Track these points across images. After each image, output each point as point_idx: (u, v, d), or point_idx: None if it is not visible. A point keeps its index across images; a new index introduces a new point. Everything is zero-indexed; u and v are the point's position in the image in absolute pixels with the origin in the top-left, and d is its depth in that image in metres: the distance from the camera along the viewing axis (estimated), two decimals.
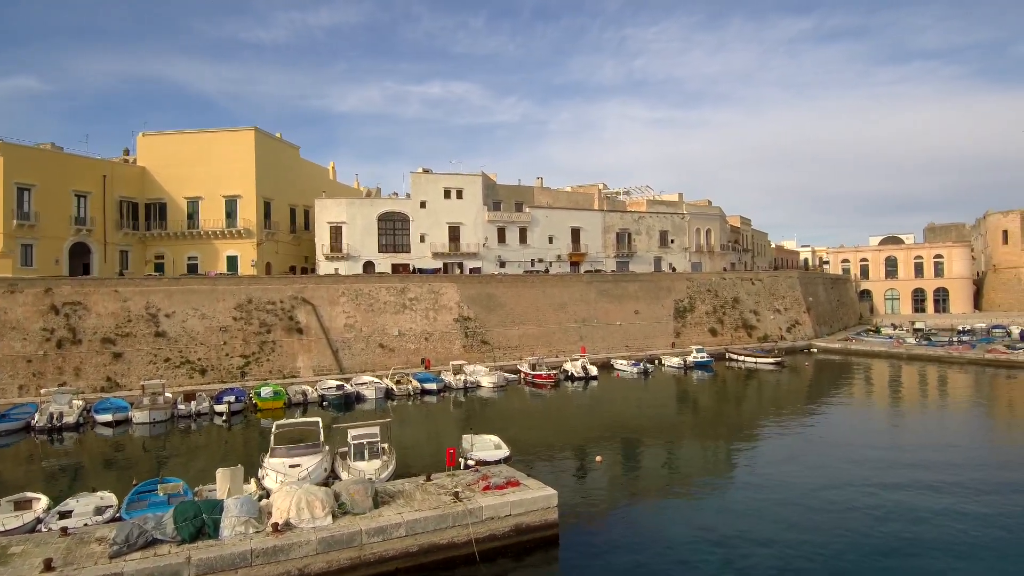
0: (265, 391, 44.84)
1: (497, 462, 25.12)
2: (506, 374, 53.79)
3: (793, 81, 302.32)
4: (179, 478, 24.70)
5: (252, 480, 24.44)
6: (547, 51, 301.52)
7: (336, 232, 67.12)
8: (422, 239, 68.47)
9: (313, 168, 78.17)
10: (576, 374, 54.12)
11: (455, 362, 52.95)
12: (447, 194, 69.33)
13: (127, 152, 74.45)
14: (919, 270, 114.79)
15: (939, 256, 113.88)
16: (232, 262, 64.66)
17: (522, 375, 54.34)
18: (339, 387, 46.42)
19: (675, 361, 60.99)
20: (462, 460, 26.16)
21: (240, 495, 21.18)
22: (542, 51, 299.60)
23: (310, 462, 24.61)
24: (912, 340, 75.43)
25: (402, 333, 57.27)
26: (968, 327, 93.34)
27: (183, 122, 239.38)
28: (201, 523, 17.89)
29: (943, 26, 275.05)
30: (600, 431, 36.88)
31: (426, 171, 70.54)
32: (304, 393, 45.85)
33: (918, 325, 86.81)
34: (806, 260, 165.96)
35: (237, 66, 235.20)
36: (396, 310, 57.96)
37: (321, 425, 27.74)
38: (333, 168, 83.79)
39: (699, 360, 60.77)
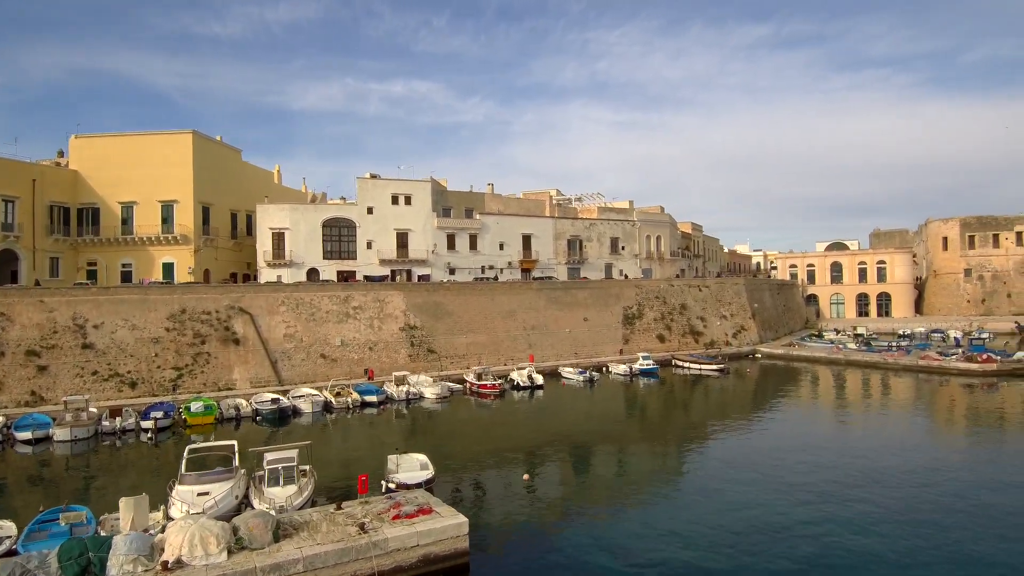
0: (195, 406, 43.28)
1: (418, 485, 24.49)
2: (451, 384, 53.23)
3: (752, 87, 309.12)
4: (85, 505, 23.54)
5: (161, 508, 23.41)
6: (511, 52, 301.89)
7: (279, 238, 65.50)
8: (369, 246, 67.32)
9: (257, 172, 76.19)
10: (522, 383, 53.85)
11: (398, 373, 52.10)
12: (395, 200, 68.33)
13: (61, 154, 71.41)
14: (863, 275, 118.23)
15: (882, 262, 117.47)
16: (168, 269, 62.49)
17: (467, 385, 53.80)
18: (274, 401, 45.11)
19: (622, 368, 61.23)
20: (383, 483, 25.48)
21: (142, 527, 20.26)
22: (505, 52, 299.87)
23: (220, 489, 23.61)
24: (853, 345, 77.31)
25: (345, 343, 56.12)
26: (908, 331, 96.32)
27: (134, 117, 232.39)
28: (87, 562, 16.95)
29: (895, 35, 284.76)
30: (538, 443, 36.63)
31: (374, 176, 69.42)
32: (237, 408, 44.42)
33: (859, 330, 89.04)
34: (758, 264, 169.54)
35: (191, 61, 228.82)
36: (339, 319, 56.77)
37: (237, 448, 26.71)
38: (279, 172, 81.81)
39: (645, 367, 61.16)
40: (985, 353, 56.49)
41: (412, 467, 27.05)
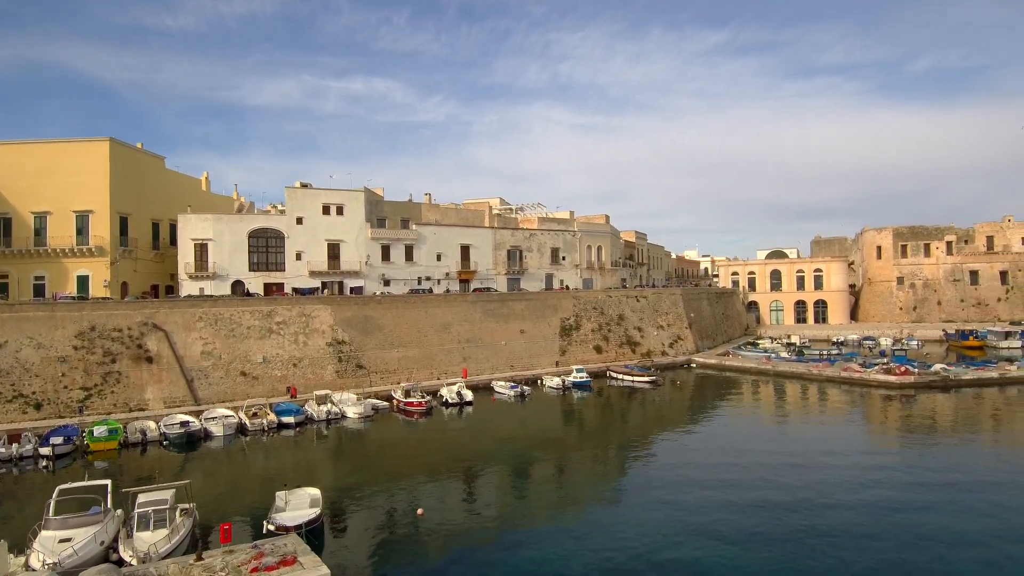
0: (99, 430, 41.24)
1: (299, 527, 23.46)
2: (377, 402, 52.11)
3: (709, 92, 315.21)
4: None
5: (26, 553, 22.02)
6: (472, 51, 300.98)
7: (201, 250, 63.23)
8: (298, 257, 65.56)
9: (183, 180, 73.49)
10: (451, 400, 53.00)
11: (319, 392, 50.74)
12: (326, 210, 66.71)
13: None
14: (801, 283, 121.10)
15: (819, 270, 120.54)
16: (83, 282, 59.64)
17: (395, 402, 52.75)
18: (184, 424, 43.24)
19: (555, 382, 60.99)
20: (265, 524, 24.40)
21: (4, 573, 18.93)
22: (467, 51, 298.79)
23: (84, 535, 22.23)
24: (785, 354, 78.91)
25: (268, 360, 54.42)
26: (842, 338, 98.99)
27: (77, 111, 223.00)
28: None
29: (845, 43, 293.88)
30: (453, 467, 36.02)
31: (304, 186, 67.71)
32: (143, 431, 42.48)
33: (793, 339, 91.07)
34: (706, 269, 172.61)
35: (141, 54, 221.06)
36: (261, 335, 55.03)
37: (110, 488, 25.27)
38: (207, 179, 79.14)
39: (578, 380, 61.10)
40: (904, 365, 58.08)
41: (301, 504, 26.03)
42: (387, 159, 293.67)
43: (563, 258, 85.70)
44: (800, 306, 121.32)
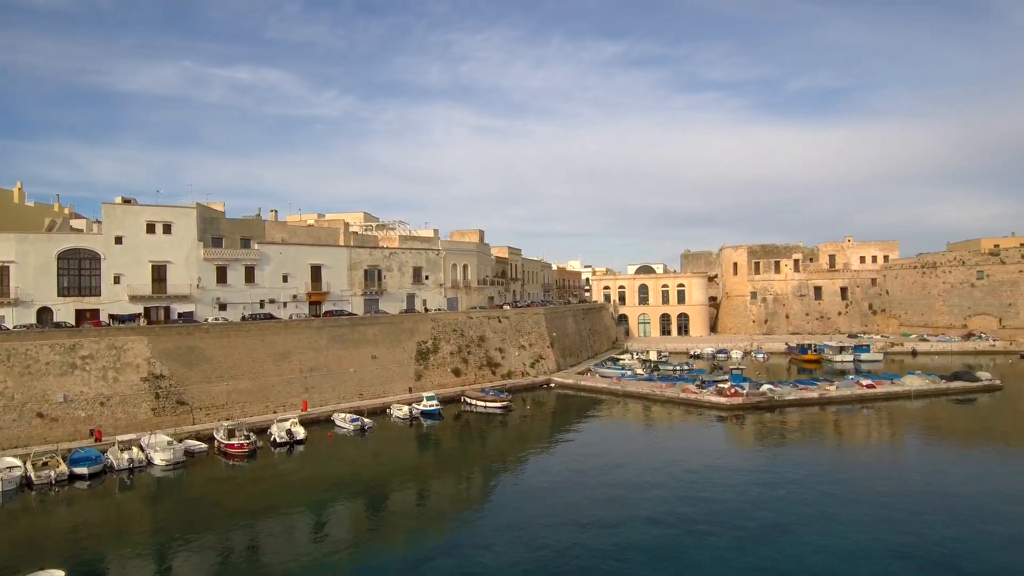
0: None
1: None
2: (196, 444, 47.68)
3: (606, 101, 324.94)
4: None
5: None
6: (371, 46, 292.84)
7: (2, 273, 55.88)
8: (117, 280, 59.39)
9: None
10: (279, 439, 49.33)
11: (122, 437, 45.75)
12: (151, 228, 60.94)
13: None
14: (666, 297, 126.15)
15: (682, 285, 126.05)
16: None
17: (216, 443, 48.46)
18: None
19: (403, 411, 58.75)
20: None
21: None
22: (365, 46, 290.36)
23: None
24: (640, 371, 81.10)
25: (70, 399, 48.56)
26: (699, 351, 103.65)
27: None
28: None
29: (730, 61, 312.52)
30: (267, 515, 32.90)
31: (126, 202, 61.63)
32: None
33: (651, 354, 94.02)
34: (587, 280, 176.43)
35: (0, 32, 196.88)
36: (63, 371, 49.08)
37: None
38: (20, 190, 70.59)
39: (427, 408, 59.28)
40: (735, 386, 60.78)
41: None
42: (277, 154, 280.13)
43: (426, 277, 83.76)
44: (665, 319, 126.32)
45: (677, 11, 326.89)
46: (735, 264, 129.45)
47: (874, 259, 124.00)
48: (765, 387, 61.24)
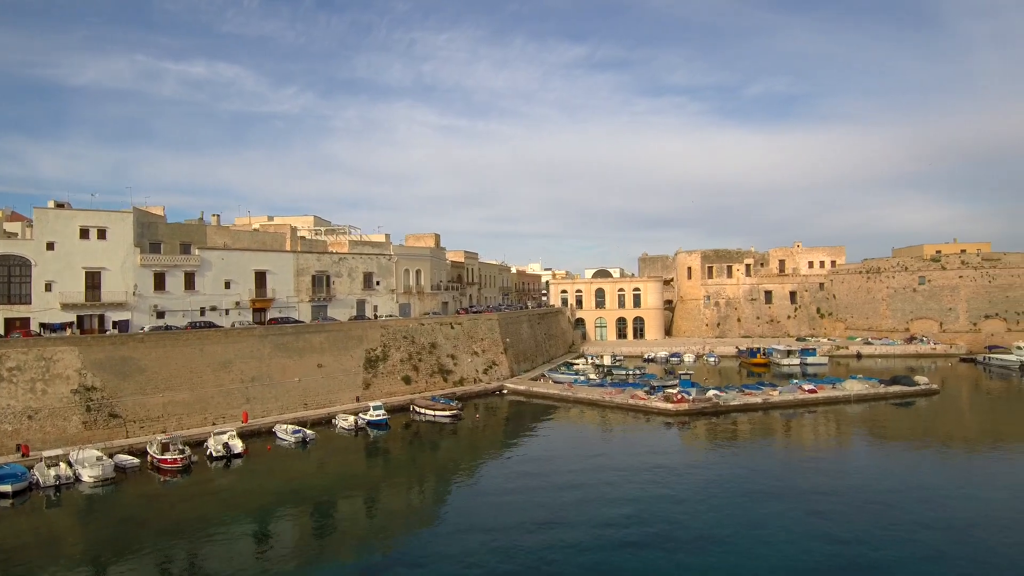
0: None
1: None
2: (128, 458, 45.88)
3: (568, 104, 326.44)
4: None
5: None
6: (331, 43, 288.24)
7: None
8: (48, 288, 56.87)
9: None
10: (216, 453, 47.81)
11: (49, 452, 43.80)
12: (85, 234, 58.55)
13: None
14: (622, 301, 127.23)
15: (637, 289, 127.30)
16: None
17: (149, 458, 46.73)
18: None
19: (349, 421, 57.61)
20: None
21: None
22: (325, 42, 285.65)
23: None
24: (593, 376, 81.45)
25: None
26: (652, 355, 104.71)
27: None
28: None
29: (690, 66, 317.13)
30: (177, 553, 31.57)
31: (59, 206, 59.16)
32: None
33: (605, 359, 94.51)
34: (547, 283, 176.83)
35: None
36: None
37: None
38: None
39: (374, 419, 58.25)
40: (682, 392, 61.46)
41: None
42: (233, 151, 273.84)
43: (377, 283, 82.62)
44: (621, 323, 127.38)
45: (639, 15, 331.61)
46: (689, 268, 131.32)
47: (822, 264, 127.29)
48: (711, 392, 62.06)
